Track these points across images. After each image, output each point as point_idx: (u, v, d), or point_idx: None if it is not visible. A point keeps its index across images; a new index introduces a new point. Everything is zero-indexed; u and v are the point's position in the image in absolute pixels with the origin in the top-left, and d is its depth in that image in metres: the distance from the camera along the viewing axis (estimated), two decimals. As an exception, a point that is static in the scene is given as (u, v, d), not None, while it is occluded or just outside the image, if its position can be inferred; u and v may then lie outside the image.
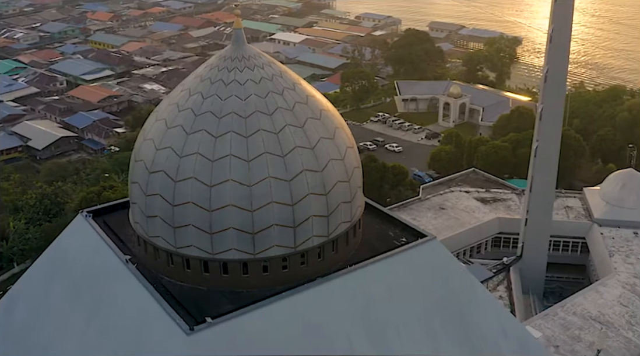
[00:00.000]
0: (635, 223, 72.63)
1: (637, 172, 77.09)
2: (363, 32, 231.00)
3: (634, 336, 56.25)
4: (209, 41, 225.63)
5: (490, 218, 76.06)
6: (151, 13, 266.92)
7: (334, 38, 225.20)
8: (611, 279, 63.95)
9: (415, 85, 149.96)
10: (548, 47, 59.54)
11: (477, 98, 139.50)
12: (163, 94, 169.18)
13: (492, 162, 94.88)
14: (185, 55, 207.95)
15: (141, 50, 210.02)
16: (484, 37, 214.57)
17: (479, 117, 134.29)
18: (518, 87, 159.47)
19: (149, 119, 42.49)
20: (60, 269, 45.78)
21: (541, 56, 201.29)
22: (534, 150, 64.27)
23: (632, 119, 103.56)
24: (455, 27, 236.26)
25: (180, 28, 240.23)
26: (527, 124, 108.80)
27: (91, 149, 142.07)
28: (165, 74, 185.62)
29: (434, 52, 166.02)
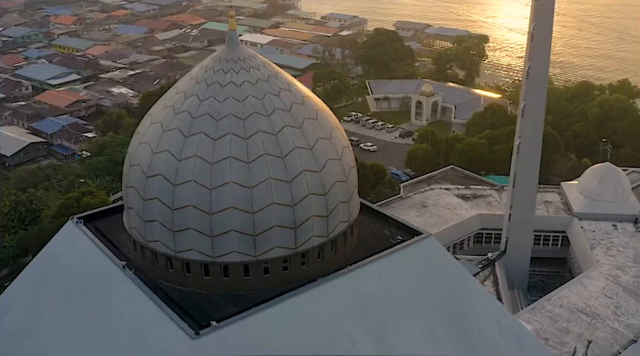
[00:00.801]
0: (613, 216, 73.98)
1: (614, 166, 78.55)
2: (330, 33, 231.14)
3: (620, 327, 57.32)
4: (175, 44, 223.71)
5: (472, 215, 76.76)
6: (115, 16, 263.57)
7: (301, 38, 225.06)
8: (594, 271, 65.06)
9: (386, 84, 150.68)
10: (529, 45, 60.35)
11: (448, 96, 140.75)
12: (132, 97, 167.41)
13: (469, 160, 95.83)
14: (152, 58, 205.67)
15: (107, 54, 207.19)
16: (450, 35, 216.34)
17: (451, 115, 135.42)
18: (487, 85, 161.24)
19: (142, 122, 42.05)
20: (52, 276, 45.04)
21: (508, 54, 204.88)
22: (516, 146, 65.06)
23: (604, 114, 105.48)
24: (421, 26, 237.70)
25: (146, 31, 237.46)
26: (501, 121, 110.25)
27: (61, 154, 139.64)
28: (133, 77, 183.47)
29: (404, 51, 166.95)
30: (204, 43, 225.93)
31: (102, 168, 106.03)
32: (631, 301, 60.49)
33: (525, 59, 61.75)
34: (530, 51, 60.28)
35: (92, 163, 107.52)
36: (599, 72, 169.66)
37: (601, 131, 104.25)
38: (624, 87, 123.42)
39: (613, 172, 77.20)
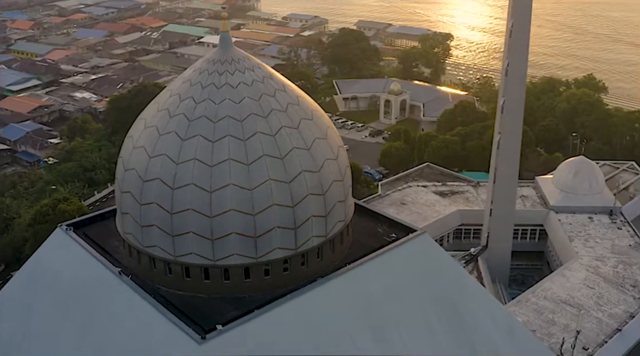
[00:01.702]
0: (589, 208, 75.39)
1: (588, 160, 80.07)
2: (292, 33, 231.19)
3: (604, 316, 58.42)
4: (136, 47, 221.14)
5: (451, 211, 77.39)
6: (73, 20, 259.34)
7: (264, 39, 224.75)
8: (574, 263, 66.16)
9: (354, 84, 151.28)
10: (508, 42, 61.13)
11: (416, 94, 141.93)
12: (95, 102, 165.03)
13: (443, 157, 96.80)
14: (114, 62, 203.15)
15: (67, 58, 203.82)
16: (412, 34, 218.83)
17: (420, 113, 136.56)
18: (453, 82, 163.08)
19: (135, 126, 41.57)
20: (43, 284, 44.19)
21: (470, 52, 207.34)
22: (496, 142, 65.85)
23: (572, 109, 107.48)
24: (383, 26, 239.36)
25: (106, 34, 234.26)
26: (471, 118, 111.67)
27: (26, 161, 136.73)
28: (95, 81, 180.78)
29: (370, 50, 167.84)
30: (165, 46, 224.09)
31: (72, 174, 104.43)
32: (612, 291, 61.69)
33: (504, 56, 62.56)
34: (509, 48, 61.08)
35: (62, 170, 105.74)
36: (559, 70, 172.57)
37: (570, 125, 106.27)
38: (590, 82, 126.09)
39: (587, 165, 78.71)
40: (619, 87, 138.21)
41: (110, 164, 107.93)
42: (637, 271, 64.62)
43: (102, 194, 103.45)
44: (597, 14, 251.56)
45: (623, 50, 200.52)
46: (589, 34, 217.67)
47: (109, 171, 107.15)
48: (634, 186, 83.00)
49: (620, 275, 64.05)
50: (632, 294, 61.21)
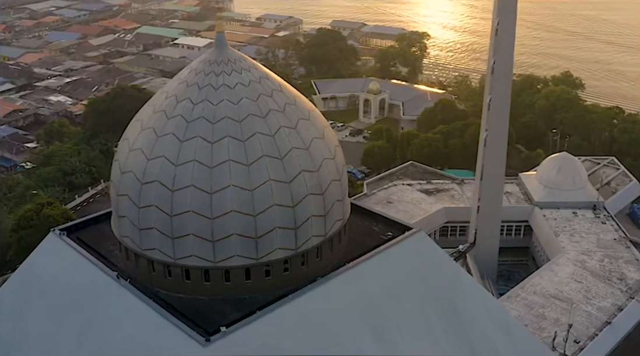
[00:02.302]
0: (573, 204, 76.32)
1: (571, 156, 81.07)
2: (267, 34, 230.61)
3: (593, 310, 59.16)
4: (110, 49, 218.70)
5: (438, 209, 77.78)
6: (45, 22, 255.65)
7: (239, 40, 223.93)
8: (561, 257, 66.89)
9: (333, 83, 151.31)
10: (494, 40, 61.60)
11: (395, 93, 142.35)
12: (71, 105, 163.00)
13: (426, 155, 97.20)
14: (88, 65, 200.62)
15: (40, 62, 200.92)
16: (387, 34, 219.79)
17: (399, 112, 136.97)
18: (430, 81, 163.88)
19: (130, 129, 41.13)
20: (37, 290, 43.73)
21: (445, 50, 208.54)
22: (482, 139, 66.33)
23: (551, 106, 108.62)
24: (357, 25, 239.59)
25: (79, 37, 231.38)
26: (451, 116, 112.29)
27: (2, 166, 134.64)
28: (70, 84, 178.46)
29: (348, 50, 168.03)
30: (139, 47, 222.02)
31: (51, 179, 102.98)
32: (600, 285, 62.48)
33: (490, 54, 63.00)
34: (495, 46, 61.55)
35: (41, 174, 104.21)
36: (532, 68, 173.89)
37: (549, 122, 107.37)
38: (567, 79, 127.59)
39: (570, 161, 79.68)
40: (594, 86, 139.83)
41: (91, 168, 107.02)
42: (623, 264, 65.53)
43: (83, 198, 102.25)
44: (568, 12, 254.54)
45: (596, 48, 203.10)
46: (562, 32, 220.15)
47: (89, 175, 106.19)
48: (615, 181, 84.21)
49: (606, 269, 64.88)
50: (620, 287, 62.03)
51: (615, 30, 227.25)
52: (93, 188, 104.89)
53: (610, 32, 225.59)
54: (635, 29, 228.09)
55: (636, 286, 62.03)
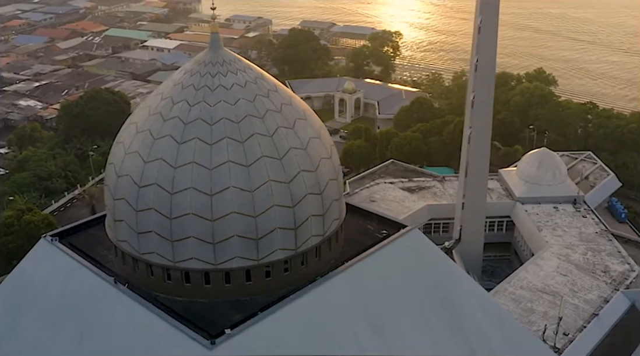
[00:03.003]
0: (554, 198, 77.46)
1: (550, 151, 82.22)
2: (236, 34, 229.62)
3: (579, 303, 60.07)
4: (79, 52, 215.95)
5: (421, 206, 78.25)
6: (11, 26, 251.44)
7: (208, 41, 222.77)
8: (546, 252, 67.78)
9: (307, 83, 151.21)
10: (477, 38, 62.16)
11: (369, 93, 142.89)
12: (41, 109, 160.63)
13: (406, 153, 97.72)
14: (57, 68, 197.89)
15: (8, 66, 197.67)
16: (357, 33, 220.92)
17: (374, 111, 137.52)
18: (403, 80, 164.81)
19: (124, 132, 40.59)
20: (30, 297, 42.90)
21: (414, 50, 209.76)
22: (466, 137, 66.95)
23: (526, 103, 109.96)
24: (327, 25, 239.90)
25: (46, 40, 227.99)
26: (427, 115, 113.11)
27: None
28: (39, 88, 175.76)
29: (321, 50, 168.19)
30: (108, 50, 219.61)
31: (27, 184, 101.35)
32: (585, 278, 63.47)
33: (473, 52, 63.55)
34: (478, 44, 62.14)
35: (16, 180, 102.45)
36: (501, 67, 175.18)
37: (524, 118, 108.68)
38: (540, 75, 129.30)
39: (550, 156, 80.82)
40: (563, 84, 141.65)
41: (66, 173, 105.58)
42: (606, 257, 66.66)
43: (60, 203, 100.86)
44: (533, 11, 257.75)
45: (565, 46, 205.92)
46: (530, 30, 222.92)
47: (66, 180, 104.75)
48: (593, 175, 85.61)
49: (590, 262, 65.94)
50: (604, 279, 63.10)
51: (583, 28, 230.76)
52: (70, 192, 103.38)
53: (579, 29, 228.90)
54: (603, 25, 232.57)
55: (620, 278, 63.18)
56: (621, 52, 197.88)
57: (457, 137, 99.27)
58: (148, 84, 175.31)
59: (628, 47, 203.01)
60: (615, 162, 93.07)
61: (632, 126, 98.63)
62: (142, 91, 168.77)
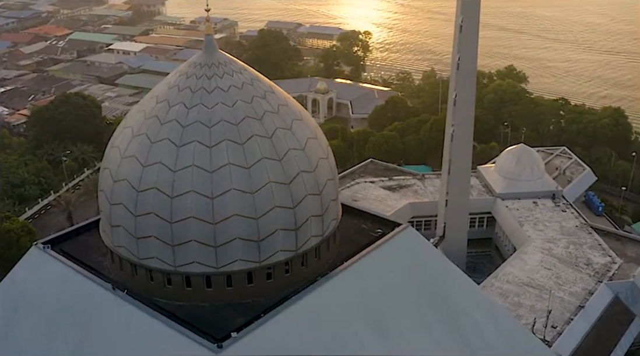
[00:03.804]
0: (533, 194, 78.66)
1: (528, 147, 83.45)
2: (203, 36, 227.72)
3: (565, 295, 61.04)
4: (43, 56, 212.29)
5: (403, 204, 78.72)
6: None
7: (175, 44, 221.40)
8: (529, 246, 68.75)
9: (279, 84, 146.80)
10: (458, 37, 62.77)
11: (341, 92, 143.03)
12: (8, 115, 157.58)
13: (383, 152, 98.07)
14: (22, 73, 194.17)
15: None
16: (323, 33, 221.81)
17: (347, 110, 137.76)
18: (373, 79, 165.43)
19: (120, 136, 40.18)
20: (24, 305, 42.20)
21: (381, 50, 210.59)
22: (449, 134, 67.54)
23: (499, 100, 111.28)
24: (293, 26, 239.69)
25: (9, 45, 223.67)
26: (401, 114, 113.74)
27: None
28: (5, 94, 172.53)
29: (291, 50, 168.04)
30: (73, 54, 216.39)
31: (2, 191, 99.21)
32: (568, 271, 64.52)
33: (454, 51, 64.14)
34: (460, 43, 62.74)
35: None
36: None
37: (498, 115, 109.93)
38: (511, 73, 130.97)
39: (528, 152, 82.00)
40: (535, 83, 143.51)
41: (40, 179, 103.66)
42: (587, 250, 67.85)
43: (34, 210, 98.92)
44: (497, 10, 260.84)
45: (531, 44, 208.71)
46: (495, 28, 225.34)
47: (39, 186, 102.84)
48: (569, 170, 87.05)
49: (573, 255, 67.05)
50: (587, 272, 64.22)
51: (548, 26, 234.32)
52: (43, 199, 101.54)
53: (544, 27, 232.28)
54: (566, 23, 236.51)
55: (603, 270, 64.38)
56: (587, 50, 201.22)
57: (434, 136, 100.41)
58: (115, 88, 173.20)
59: (591, 45, 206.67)
60: (589, 157, 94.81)
61: (604, 121, 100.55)
62: (110, 94, 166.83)
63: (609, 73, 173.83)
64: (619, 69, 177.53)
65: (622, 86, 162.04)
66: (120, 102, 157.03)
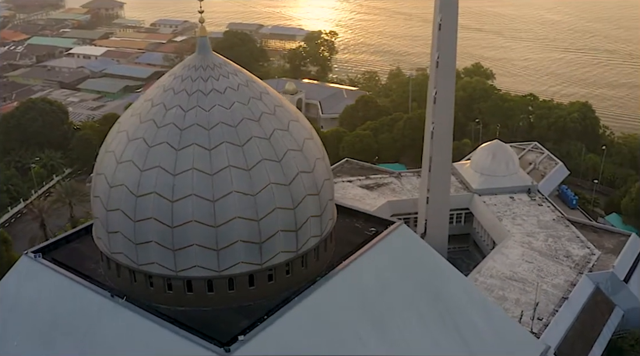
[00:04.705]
0: (509, 189, 79.78)
1: (503, 143, 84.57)
2: (164, 39, 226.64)
3: (548, 287, 62.04)
4: (1, 62, 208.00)
5: (382, 203, 79.04)
6: None
7: (136, 47, 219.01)
8: (509, 241, 69.68)
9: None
10: (437, 35, 63.35)
11: (310, 93, 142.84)
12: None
13: (358, 151, 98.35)
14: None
15: None
16: (286, 34, 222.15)
17: (317, 111, 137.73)
18: (339, 79, 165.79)
19: (114, 140, 39.53)
20: (17, 316, 41.47)
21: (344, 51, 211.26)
22: (429, 132, 68.11)
23: (468, 97, 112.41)
24: (255, 27, 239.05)
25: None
26: (372, 113, 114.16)
27: None
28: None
29: (258, 51, 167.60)
30: (32, 59, 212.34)
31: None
32: (549, 263, 65.58)
33: (433, 49, 64.73)
34: (439, 41, 63.35)
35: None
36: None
37: (468, 112, 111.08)
38: (478, 70, 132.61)
39: (502, 148, 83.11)
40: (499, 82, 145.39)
41: (8, 186, 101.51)
42: (566, 242, 69.07)
43: (4, 219, 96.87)
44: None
45: (491, 43, 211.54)
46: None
47: (8, 194, 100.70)
48: (542, 165, 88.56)
49: (552, 248, 68.18)
50: (568, 264, 65.36)
51: (506, 23, 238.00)
52: (13, 207, 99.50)
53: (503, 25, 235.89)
54: (524, 21, 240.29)
55: (583, 262, 65.57)
56: (548, 47, 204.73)
57: (408, 134, 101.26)
58: (78, 93, 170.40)
59: (549, 43, 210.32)
60: (560, 151, 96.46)
61: (573, 116, 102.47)
62: (74, 99, 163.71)
63: (571, 71, 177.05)
64: (582, 67, 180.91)
65: (585, 83, 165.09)
66: (85, 107, 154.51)
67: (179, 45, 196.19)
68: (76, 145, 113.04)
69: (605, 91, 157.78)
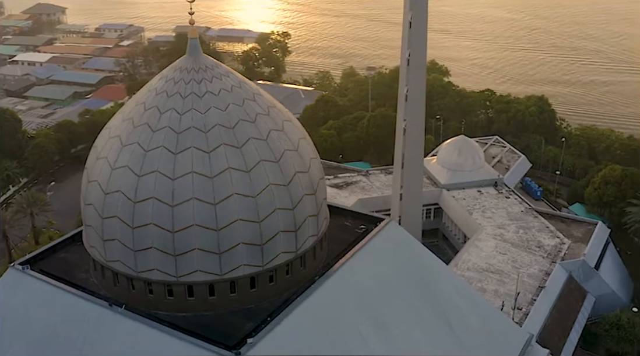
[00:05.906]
0: (476, 183, 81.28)
1: (468, 138, 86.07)
2: (110, 44, 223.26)
3: (524, 278, 63.34)
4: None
5: (353, 201, 79.46)
6: None
7: (83, 52, 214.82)
8: (481, 234, 70.99)
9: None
10: (408, 34, 63.91)
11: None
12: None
13: (322, 150, 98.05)
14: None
15: None
16: (233, 36, 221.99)
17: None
18: (292, 79, 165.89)
19: (105, 146, 38.73)
20: (9, 330, 40.12)
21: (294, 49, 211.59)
22: (401, 129, 68.59)
23: (427, 94, 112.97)
24: (202, 29, 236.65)
25: None
26: (332, 112, 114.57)
27: None
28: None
29: (212, 54, 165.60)
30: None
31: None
32: (522, 254, 67.10)
33: (404, 47, 65.29)
34: (410, 39, 63.95)
35: None
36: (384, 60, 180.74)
37: (428, 109, 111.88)
38: (434, 67, 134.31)
39: (468, 143, 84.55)
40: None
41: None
42: (536, 233, 70.75)
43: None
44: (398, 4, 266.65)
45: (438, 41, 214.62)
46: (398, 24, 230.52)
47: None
48: (505, 158, 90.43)
49: (524, 239, 69.75)
50: (540, 254, 66.97)
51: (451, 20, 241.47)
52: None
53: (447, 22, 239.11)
54: (466, 18, 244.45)
55: (554, 251, 67.28)
56: (491, 44, 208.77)
57: (372, 132, 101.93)
58: (26, 101, 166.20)
59: (492, 39, 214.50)
60: (520, 144, 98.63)
61: (532, 110, 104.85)
62: (22, 107, 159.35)
63: (516, 68, 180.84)
64: (527, 64, 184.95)
65: (531, 80, 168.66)
66: (35, 115, 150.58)
67: (129, 49, 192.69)
68: (31, 153, 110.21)
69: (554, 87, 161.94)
